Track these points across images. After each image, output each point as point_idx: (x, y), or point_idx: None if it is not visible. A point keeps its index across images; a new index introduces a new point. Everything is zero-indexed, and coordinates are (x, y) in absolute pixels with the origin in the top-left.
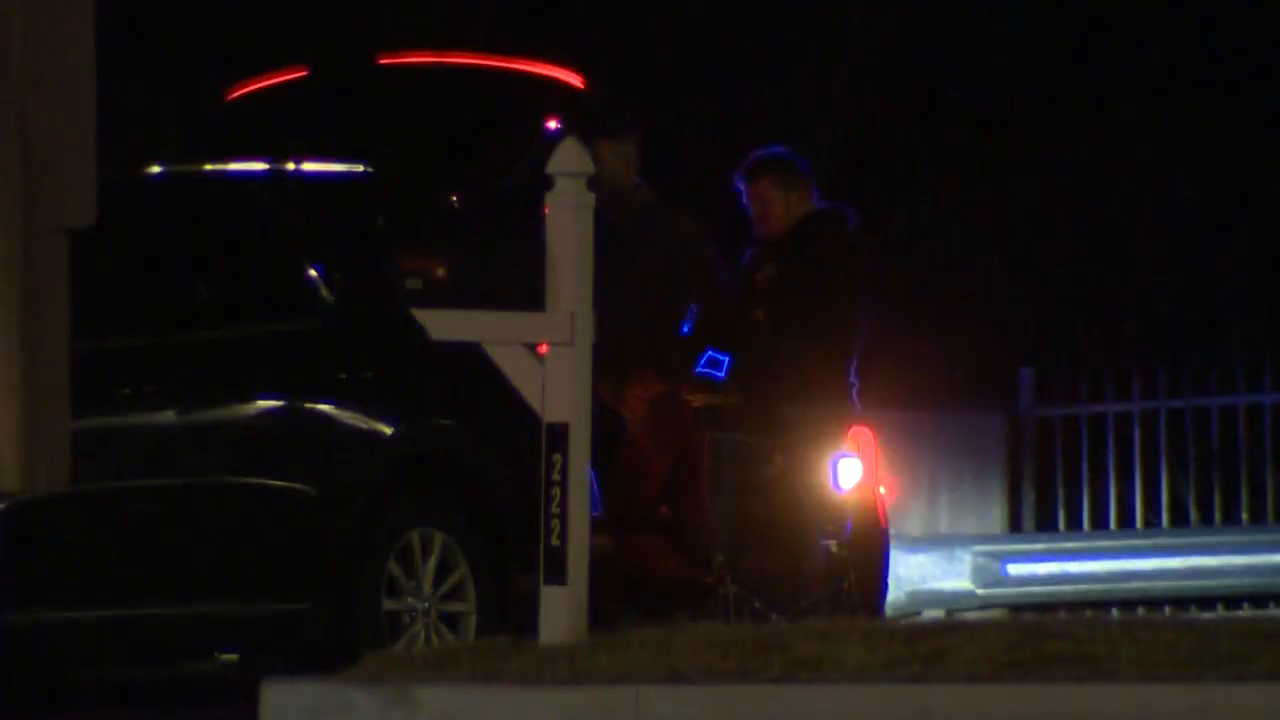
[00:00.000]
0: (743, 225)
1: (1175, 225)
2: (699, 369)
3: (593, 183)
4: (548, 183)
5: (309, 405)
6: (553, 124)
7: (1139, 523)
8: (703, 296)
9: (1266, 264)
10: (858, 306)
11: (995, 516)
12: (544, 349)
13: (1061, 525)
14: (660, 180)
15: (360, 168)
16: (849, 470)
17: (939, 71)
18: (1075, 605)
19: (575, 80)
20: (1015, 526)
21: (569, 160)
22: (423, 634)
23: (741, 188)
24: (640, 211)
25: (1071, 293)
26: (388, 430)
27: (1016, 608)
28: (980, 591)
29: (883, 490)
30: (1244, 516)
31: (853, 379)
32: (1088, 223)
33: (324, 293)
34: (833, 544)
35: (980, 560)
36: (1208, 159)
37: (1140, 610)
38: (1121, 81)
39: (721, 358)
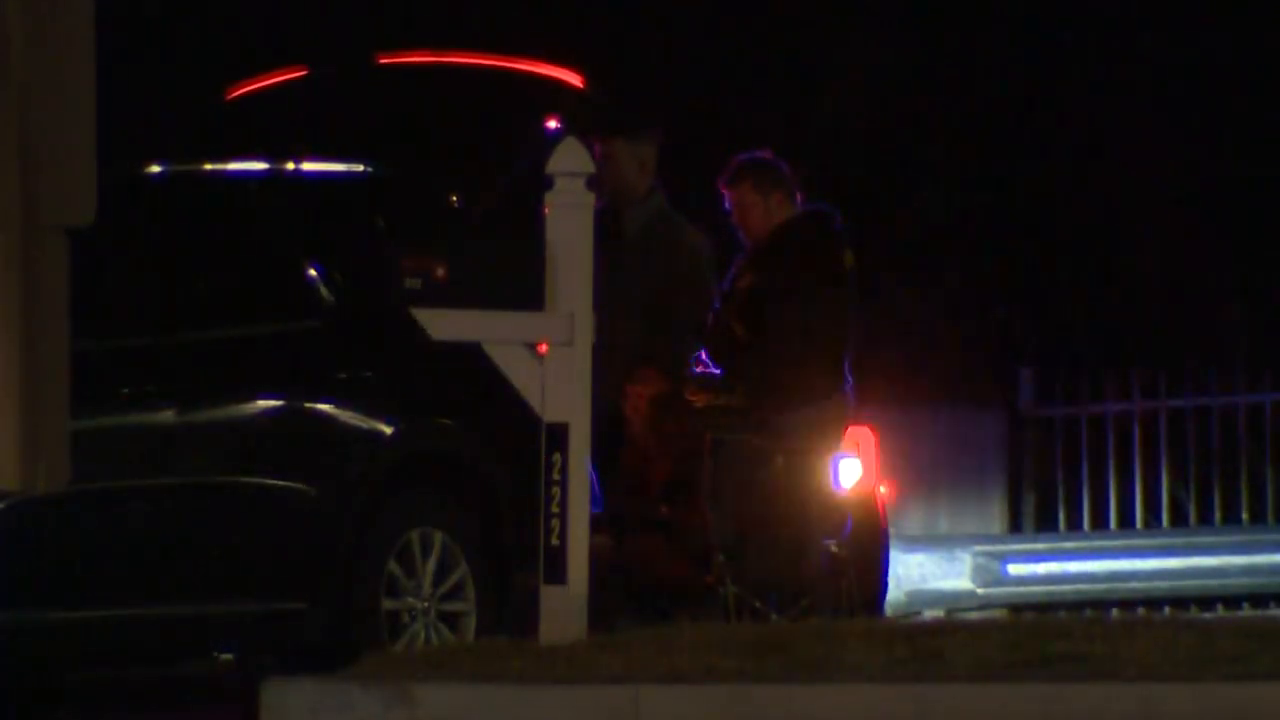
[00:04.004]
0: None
1: (1175, 224)
2: (698, 367)
3: (593, 182)
4: (547, 182)
5: (309, 405)
6: (552, 124)
7: (1139, 523)
8: (702, 310)
9: (1266, 263)
10: (845, 306)
11: (995, 516)
12: (544, 349)
13: (1061, 525)
14: (669, 184)
15: (360, 168)
16: (849, 470)
17: (939, 70)
18: (1075, 605)
19: (575, 80)
20: (1015, 526)
21: (568, 160)
22: (423, 634)
23: (723, 194)
24: (652, 216)
25: (1071, 293)
26: (388, 430)
27: (1016, 608)
28: (980, 591)
29: (883, 490)
30: (1244, 516)
31: (848, 378)
32: (1088, 222)
33: (324, 293)
34: (833, 544)
35: (980, 560)
36: (1208, 158)
37: (1140, 610)
38: (1123, 80)
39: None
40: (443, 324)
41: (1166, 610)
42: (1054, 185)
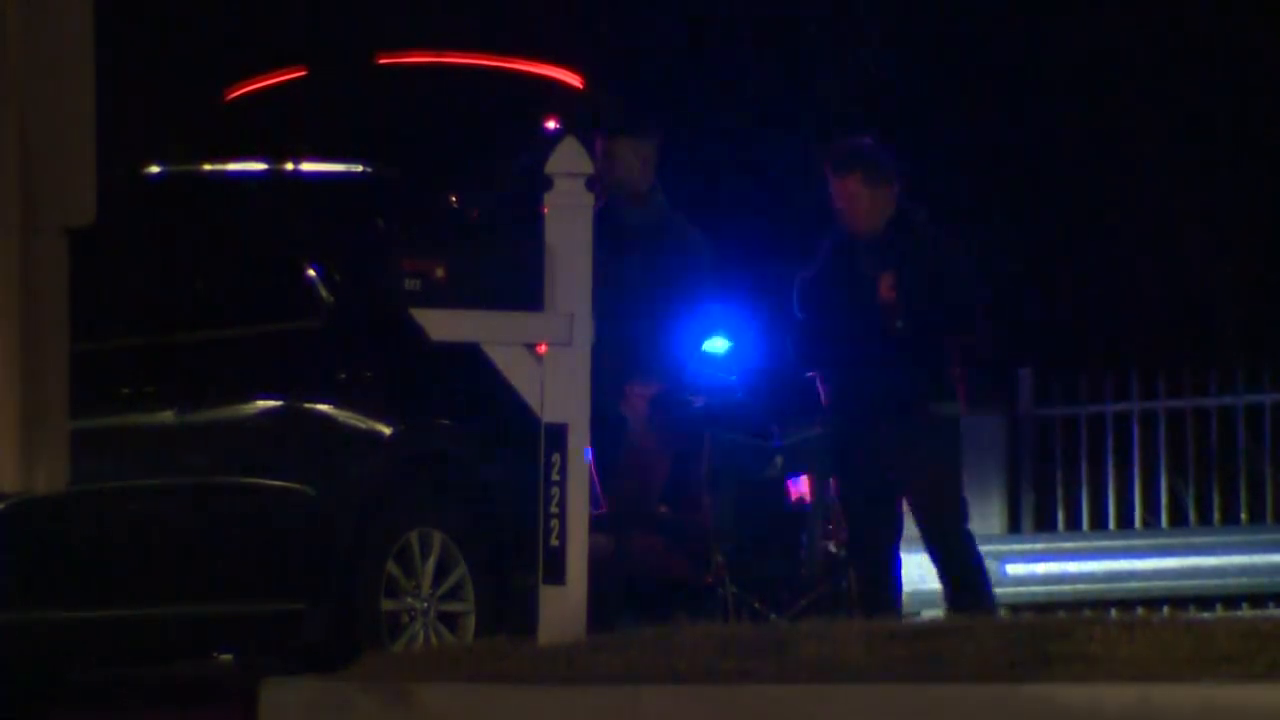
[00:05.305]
0: (740, 231)
1: (1175, 224)
2: (711, 373)
3: (593, 182)
4: (547, 183)
5: (309, 405)
6: (552, 124)
7: (1138, 523)
8: (702, 309)
9: (1266, 263)
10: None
11: (994, 516)
12: (543, 349)
13: (1060, 525)
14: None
15: (360, 168)
16: None
17: (942, 72)
18: (1074, 605)
19: (575, 80)
20: (1014, 526)
21: (568, 160)
22: (422, 634)
23: (828, 178)
24: (652, 215)
25: (1071, 293)
26: (388, 430)
27: (1016, 608)
28: None
29: None
30: (1243, 516)
31: (958, 368)
32: (1087, 223)
33: (324, 293)
34: (832, 544)
35: None
36: (1207, 159)
37: (1139, 610)
38: (1123, 82)
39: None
40: (442, 324)
41: (1165, 610)
42: (1055, 185)
